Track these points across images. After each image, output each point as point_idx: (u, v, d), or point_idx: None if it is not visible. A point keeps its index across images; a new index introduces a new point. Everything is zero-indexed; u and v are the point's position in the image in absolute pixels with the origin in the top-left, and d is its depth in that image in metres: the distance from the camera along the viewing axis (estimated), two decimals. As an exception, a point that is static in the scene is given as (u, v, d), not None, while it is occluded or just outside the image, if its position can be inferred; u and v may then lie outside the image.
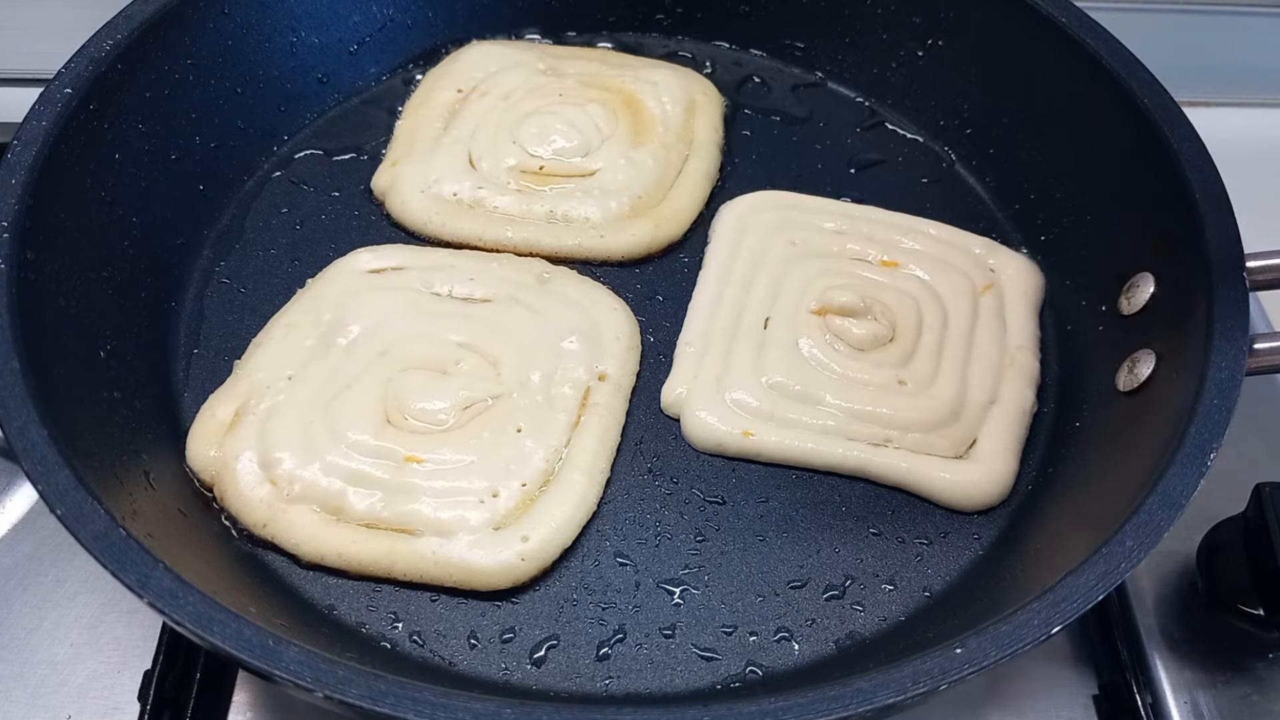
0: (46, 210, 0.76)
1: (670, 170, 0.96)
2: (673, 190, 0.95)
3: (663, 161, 0.96)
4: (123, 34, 0.84)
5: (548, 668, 0.72)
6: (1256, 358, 0.73)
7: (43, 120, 0.78)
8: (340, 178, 0.97)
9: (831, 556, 0.78)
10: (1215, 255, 0.76)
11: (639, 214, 0.93)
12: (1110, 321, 0.85)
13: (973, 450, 0.81)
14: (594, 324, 0.86)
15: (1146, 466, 0.69)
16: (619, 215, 0.93)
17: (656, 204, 0.94)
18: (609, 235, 0.92)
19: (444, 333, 0.84)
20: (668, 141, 0.97)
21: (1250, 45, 1.24)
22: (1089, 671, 0.83)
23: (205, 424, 0.80)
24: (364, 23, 1.02)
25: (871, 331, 0.85)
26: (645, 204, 0.94)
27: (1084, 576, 0.62)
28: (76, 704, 0.78)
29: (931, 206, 0.96)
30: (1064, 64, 0.91)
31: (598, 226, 0.92)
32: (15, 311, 0.70)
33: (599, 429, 0.80)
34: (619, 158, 0.95)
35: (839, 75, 1.06)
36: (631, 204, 0.93)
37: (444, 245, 0.92)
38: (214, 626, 0.59)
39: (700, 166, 0.97)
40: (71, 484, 0.63)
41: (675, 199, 0.95)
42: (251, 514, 0.76)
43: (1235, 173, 0.81)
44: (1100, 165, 0.90)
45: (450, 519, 0.74)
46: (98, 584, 0.82)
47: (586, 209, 0.92)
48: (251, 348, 0.84)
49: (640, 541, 0.78)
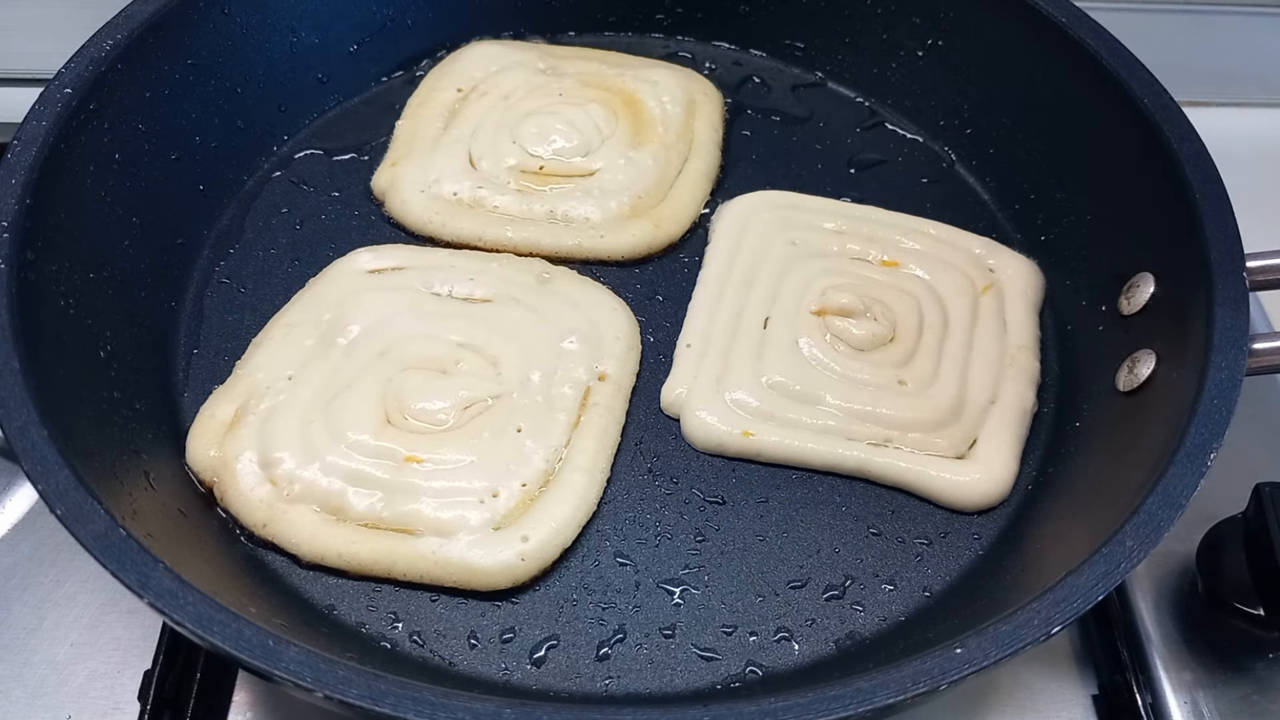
0: (46, 210, 0.76)
1: (670, 170, 0.96)
2: (672, 190, 0.95)
3: (663, 162, 0.96)
4: (123, 34, 0.84)
5: (548, 668, 0.72)
6: (1256, 358, 0.73)
7: (43, 120, 0.78)
8: (340, 178, 0.97)
9: (831, 556, 0.78)
10: (1215, 255, 0.76)
11: (639, 214, 0.93)
12: (1110, 321, 0.85)
13: (973, 450, 0.81)
14: (594, 324, 0.86)
15: (1146, 466, 0.69)
16: (619, 215, 0.93)
17: (656, 204, 0.94)
18: (609, 235, 0.92)
19: (444, 333, 0.84)
20: (668, 141, 0.97)
21: (1250, 45, 1.24)
22: (1089, 671, 0.83)
23: (205, 424, 0.80)
24: (364, 23, 1.02)
25: (871, 331, 0.85)
26: (645, 204, 0.94)
27: (1084, 576, 0.62)
28: (76, 704, 0.78)
29: (931, 206, 0.96)
30: (1064, 64, 0.91)
31: (598, 226, 0.92)
32: (15, 311, 0.70)
33: (599, 429, 0.80)
34: (619, 158, 0.95)
35: (839, 75, 1.06)
36: (631, 204, 0.93)
37: (444, 245, 0.92)
38: (214, 626, 0.59)
39: (700, 166, 0.97)
40: (71, 484, 0.63)
41: (675, 199, 0.95)
42: (252, 514, 0.76)
43: (1235, 173, 0.81)
44: (1100, 165, 0.90)
45: (450, 519, 0.74)
46: (98, 584, 0.82)
47: (586, 209, 0.92)
48: (251, 348, 0.84)
49: (640, 541, 0.78)
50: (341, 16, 1.00)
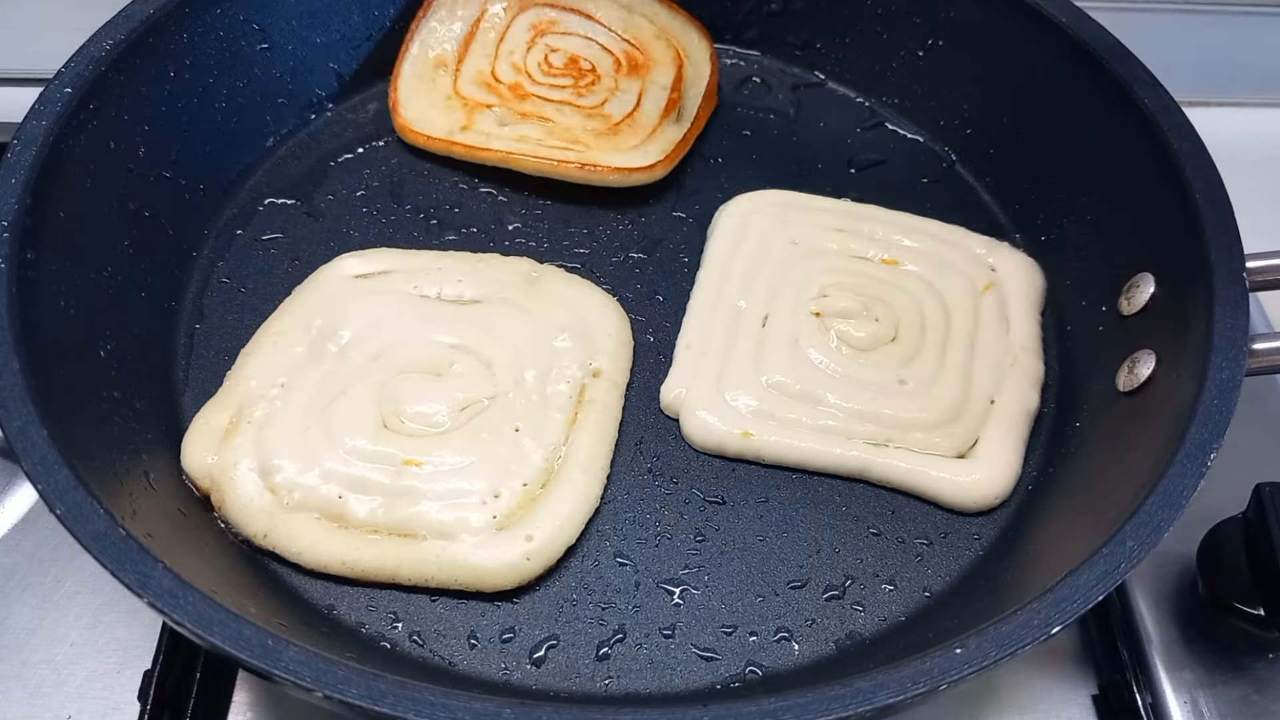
0: (46, 210, 0.76)
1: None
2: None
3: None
4: (123, 34, 0.84)
5: (547, 668, 0.72)
6: (1256, 358, 0.73)
7: (43, 120, 0.78)
8: (340, 178, 0.97)
9: (831, 556, 0.78)
10: (1215, 255, 0.76)
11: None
12: (1110, 321, 0.85)
13: (974, 450, 0.81)
14: (584, 321, 0.86)
15: (1146, 466, 0.69)
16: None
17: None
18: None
19: (435, 335, 0.84)
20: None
21: (1250, 45, 1.24)
22: (1089, 671, 0.83)
23: (200, 431, 0.79)
24: (365, 23, 1.02)
25: (872, 331, 0.85)
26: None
27: (1084, 576, 0.62)
28: (76, 704, 0.78)
29: (932, 206, 0.96)
30: (1064, 64, 0.91)
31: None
32: (15, 311, 0.70)
33: (597, 426, 0.80)
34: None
35: (839, 75, 1.06)
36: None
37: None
38: (214, 626, 0.59)
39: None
40: (71, 484, 0.63)
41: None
42: (252, 524, 0.75)
43: (1235, 173, 0.81)
44: (1100, 165, 0.90)
45: (452, 521, 0.74)
46: (98, 584, 0.82)
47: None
48: (241, 357, 0.83)
49: (640, 541, 0.78)
50: (342, 16, 1.00)
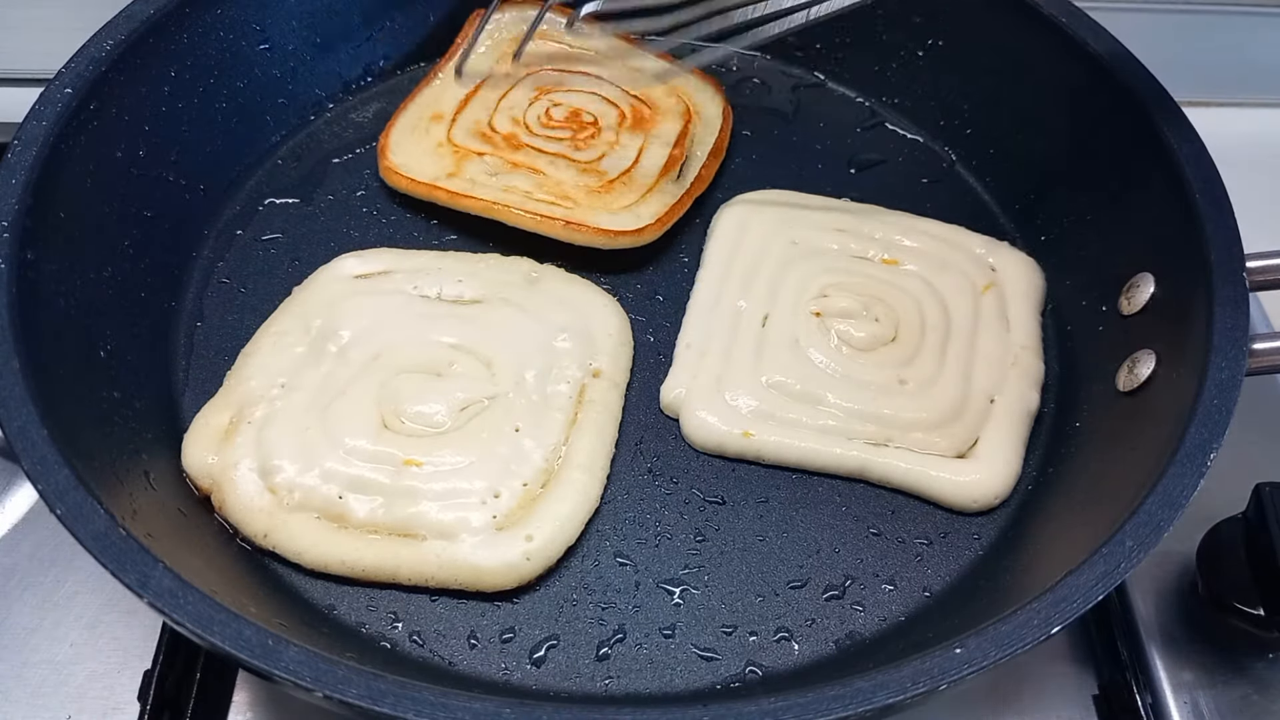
0: (46, 210, 0.76)
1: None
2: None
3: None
4: (123, 34, 0.84)
5: (547, 668, 0.72)
6: (1256, 358, 0.73)
7: (43, 120, 0.78)
8: (340, 178, 0.97)
9: (831, 556, 0.78)
10: (1215, 255, 0.76)
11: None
12: (1110, 321, 0.85)
13: (974, 450, 0.81)
14: (584, 321, 0.86)
15: (1146, 466, 0.69)
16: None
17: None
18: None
19: (435, 335, 0.84)
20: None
21: (1250, 45, 1.24)
22: (1089, 671, 0.83)
23: (201, 431, 0.79)
24: (365, 22, 1.02)
25: (872, 331, 0.85)
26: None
27: (1084, 576, 0.62)
28: (76, 704, 0.78)
29: (932, 206, 0.96)
30: (1064, 64, 0.91)
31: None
32: (15, 311, 0.70)
33: (596, 426, 0.80)
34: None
35: (839, 75, 1.06)
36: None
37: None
38: (214, 626, 0.59)
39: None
40: (71, 484, 0.63)
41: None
42: (252, 524, 0.75)
43: (1235, 173, 0.81)
44: (1100, 166, 0.90)
45: (452, 520, 0.74)
46: (98, 584, 0.82)
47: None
48: (241, 357, 0.83)
49: (640, 541, 0.78)
50: (342, 16, 1.00)
